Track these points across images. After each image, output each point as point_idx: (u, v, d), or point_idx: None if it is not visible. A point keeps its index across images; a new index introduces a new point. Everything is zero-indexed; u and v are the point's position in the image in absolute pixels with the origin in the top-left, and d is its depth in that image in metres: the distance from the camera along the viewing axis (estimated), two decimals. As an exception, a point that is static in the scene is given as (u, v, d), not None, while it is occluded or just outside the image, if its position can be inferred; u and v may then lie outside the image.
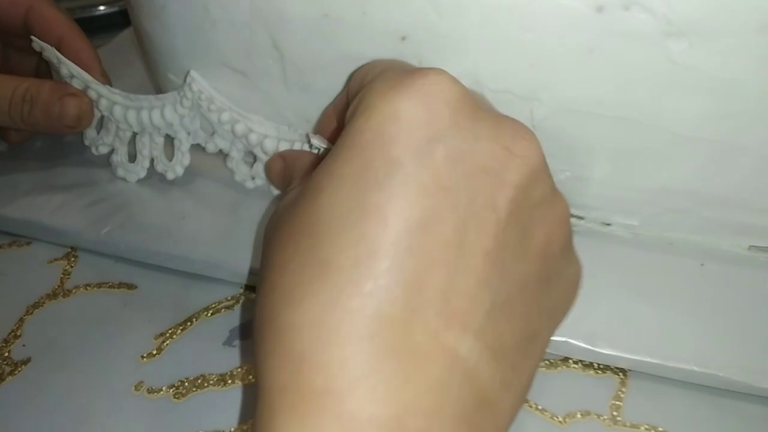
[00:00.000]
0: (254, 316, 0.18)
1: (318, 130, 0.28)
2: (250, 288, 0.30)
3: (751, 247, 0.28)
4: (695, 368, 0.25)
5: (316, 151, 0.27)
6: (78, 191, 0.33)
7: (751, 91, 0.22)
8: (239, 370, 0.27)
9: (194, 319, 0.29)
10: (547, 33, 0.23)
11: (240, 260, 0.29)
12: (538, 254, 0.18)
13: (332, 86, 0.29)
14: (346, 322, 0.15)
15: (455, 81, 0.18)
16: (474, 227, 0.16)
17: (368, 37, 0.26)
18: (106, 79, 0.33)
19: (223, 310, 0.29)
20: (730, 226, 0.27)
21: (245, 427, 0.25)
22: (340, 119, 0.26)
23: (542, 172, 0.18)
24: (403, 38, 0.25)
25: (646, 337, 0.26)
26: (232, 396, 0.26)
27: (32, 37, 0.32)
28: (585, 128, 0.26)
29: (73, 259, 0.32)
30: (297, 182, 0.24)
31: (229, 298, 0.30)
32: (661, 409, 0.25)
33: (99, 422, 0.25)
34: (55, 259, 0.32)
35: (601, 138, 0.26)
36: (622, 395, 0.25)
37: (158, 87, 0.34)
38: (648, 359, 0.25)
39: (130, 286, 0.31)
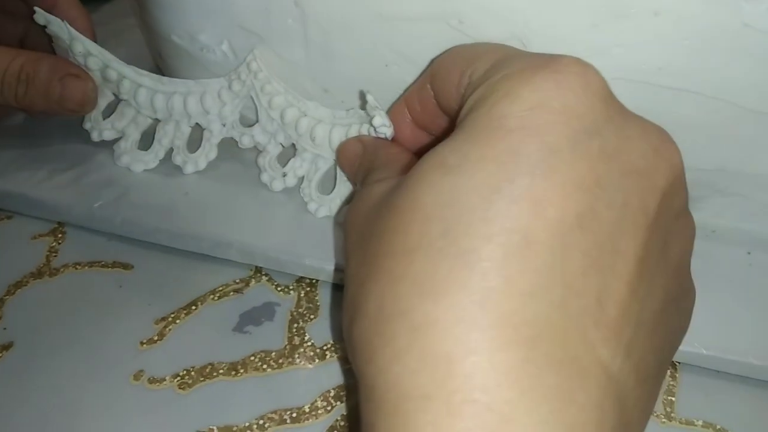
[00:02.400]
0: (356, 307, 0.15)
1: (394, 121, 0.25)
2: (260, 270, 0.27)
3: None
4: (754, 361, 0.23)
5: (382, 135, 0.25)
6: (68, 162, 0.30)
7: (835, 59, 0.21)
8: (252, 358, 0.24)
9: (199, 303, 0.26)
10: (609, -9, 0.21)
11: (254, 238, 0.26)
12: (675, 270, 0.17)
13: (359, 52, 0.26)
14: (502, 324, 0.13)
15: (599, 72, 0.17)
16: (627, 230, 0.15)
17: (405, -6, 0.24)
18: None
19: (231, 293, 0.27)
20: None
21: (261, 422, 0.22)
22: (425, 110, 0.23)
23: (684, 181, 0.17)
24: (445, -5, 0.23)
25: (698, 328, 0.23)
26: (245, 387, 0.23)
27: (36, 9, 0.28)
28: (639, 100, 0.23)
29: (60, 235, 0.29)
30: (383, 173, 0.21)
31: (237, 281, 0.27)
32: (717, 405, 0.23)
33: (92, 416, 0.22)
34: (40, 235, 0.29)
35: (656, 111, 0.24)
36: (674, 389, 0.23)
37: (157, 52, 0.32)
38: (703, 351, 0.23)
39: (126, 266, 0.27)
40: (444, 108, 0.21)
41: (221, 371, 0.24)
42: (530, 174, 0.14)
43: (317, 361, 0.24)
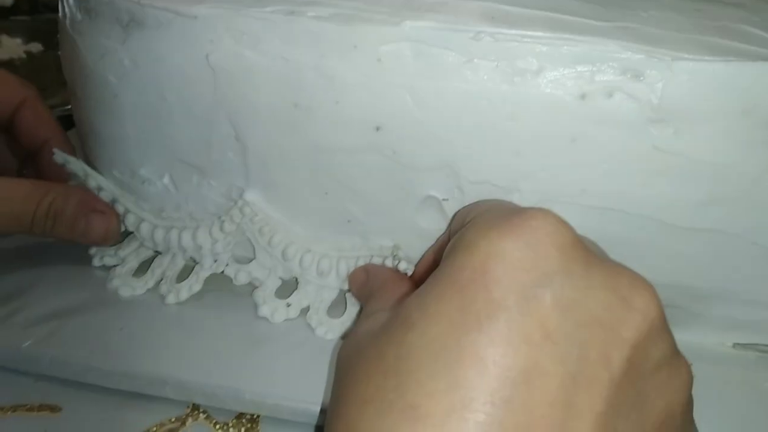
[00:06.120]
0: None
1: (416, 272, 0.26)
2: (198, 407, 0.26)
3: (735, 345, 0.27)
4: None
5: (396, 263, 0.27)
6: (-1, 300, 0.29)
7: (740, 177, 0.22)
8: (187, 506, 0.22)
9: (131, 447, 0.24)
10: (529, 122, 0.23)
11: (191, 374, 0.25)
12: (658, 423, 0.16)
13: (298, 182, 0.27)
14: None
15: (565, 223, 0.17)
16: (584, 385, 0.15)
17: (340, 128, 0.25)
18: None
19: (166, 434, 0.25)
20: (715, 321, 0.27)
21: None
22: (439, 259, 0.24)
23: (663, 330, 0.17)
24: (378, 128, 0.24)
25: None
26: None
27: (55, 150, 0.30)
28: (568, 220, 0.25)
29: (-18, 378, 0.27)
30: (378, 303, 0.22)
31: (173, 420, 0.26)
32: None
33: None
34: (-40, 380, 0.27)
35: (585, 230, 0.24)
36: None
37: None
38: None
39: (54, 409, 0.26)
40: None
41: None
42: (475, 330, 0.15)
43: (258, 505, 0.23)
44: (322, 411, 0.24)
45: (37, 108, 0.31)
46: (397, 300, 0.22)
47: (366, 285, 0.26)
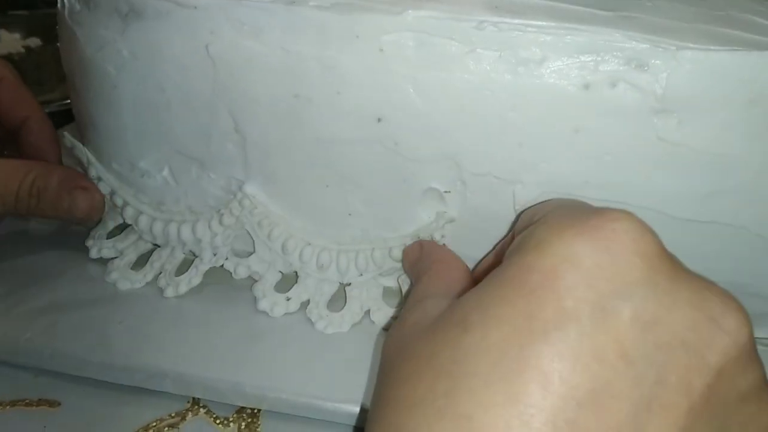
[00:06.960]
0: None
1: (476, 274, 0.25)
2: (197, 402, 0.26)
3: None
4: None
5: None
6: (-4, 293, 0.29)
7: (744, 168, 0.22)
8: (187, 501, 0.22)
9: (131, 441, 0.24)
10: (532, 112, 0.23)
11: (192, 367, 0.25)
12: None
13: (299, 174, 0.27)
14: None
15: (651, 230, 0.16)
16: (658, 412, 0.13)
17: (341, 119, 0.25)
18: None
19: (165, 429, 0.25)
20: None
21: None
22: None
23: (753, 357, 0.15)
24: (379, 119, 0.24)
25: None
26: None
27: (64, 133, 0.30)
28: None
29: (-19, 372, 0.27)
30: (428, 286, 0.21)
31: (173, 415, 0.25)
32: None
33: None
34: (-41, 374, 0.27)
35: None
36: None
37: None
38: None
39: (53, 404, 0.26)
40: None
41: None
42: (541, 341, 0.14)
43: (258, 499, 0.23)
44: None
45: (14, 86, 0.31)
46: (448, 286, 0.21)
47: (418, 262, 0.25)
